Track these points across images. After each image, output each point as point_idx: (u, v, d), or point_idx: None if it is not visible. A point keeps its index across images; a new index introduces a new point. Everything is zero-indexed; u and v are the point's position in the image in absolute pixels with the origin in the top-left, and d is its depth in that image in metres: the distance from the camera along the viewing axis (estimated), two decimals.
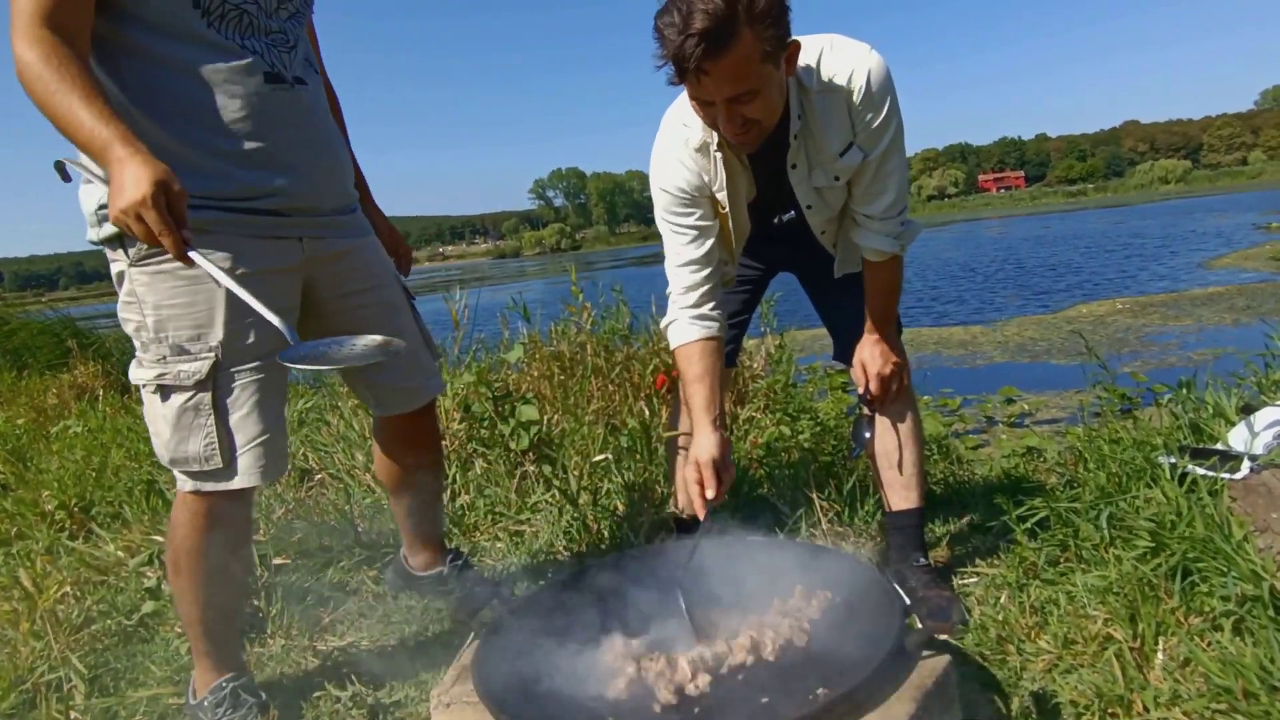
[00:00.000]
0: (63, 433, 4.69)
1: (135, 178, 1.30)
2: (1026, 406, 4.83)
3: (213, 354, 1.59)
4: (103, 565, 2.73)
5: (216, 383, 1.60)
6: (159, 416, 1.62)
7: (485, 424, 3.30)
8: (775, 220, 2.06)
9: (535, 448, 3.18)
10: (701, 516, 1.72)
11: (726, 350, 2.18)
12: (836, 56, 1.79)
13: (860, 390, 2.12)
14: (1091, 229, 25.46)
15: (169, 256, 1.53)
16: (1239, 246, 15.10)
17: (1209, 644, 1.61)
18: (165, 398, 1.60)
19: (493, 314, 4.63)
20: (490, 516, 2.98)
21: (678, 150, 1.93)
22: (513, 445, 3.15)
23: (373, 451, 2.27)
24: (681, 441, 2.30)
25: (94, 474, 3.70)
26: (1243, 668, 1.44)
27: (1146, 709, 1.54)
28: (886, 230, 1.96)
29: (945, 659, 1.37)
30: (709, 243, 1.98)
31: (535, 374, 3.88)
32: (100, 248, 1.63)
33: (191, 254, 1.37)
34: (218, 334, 1.60)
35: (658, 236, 2.12)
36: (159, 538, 2.72)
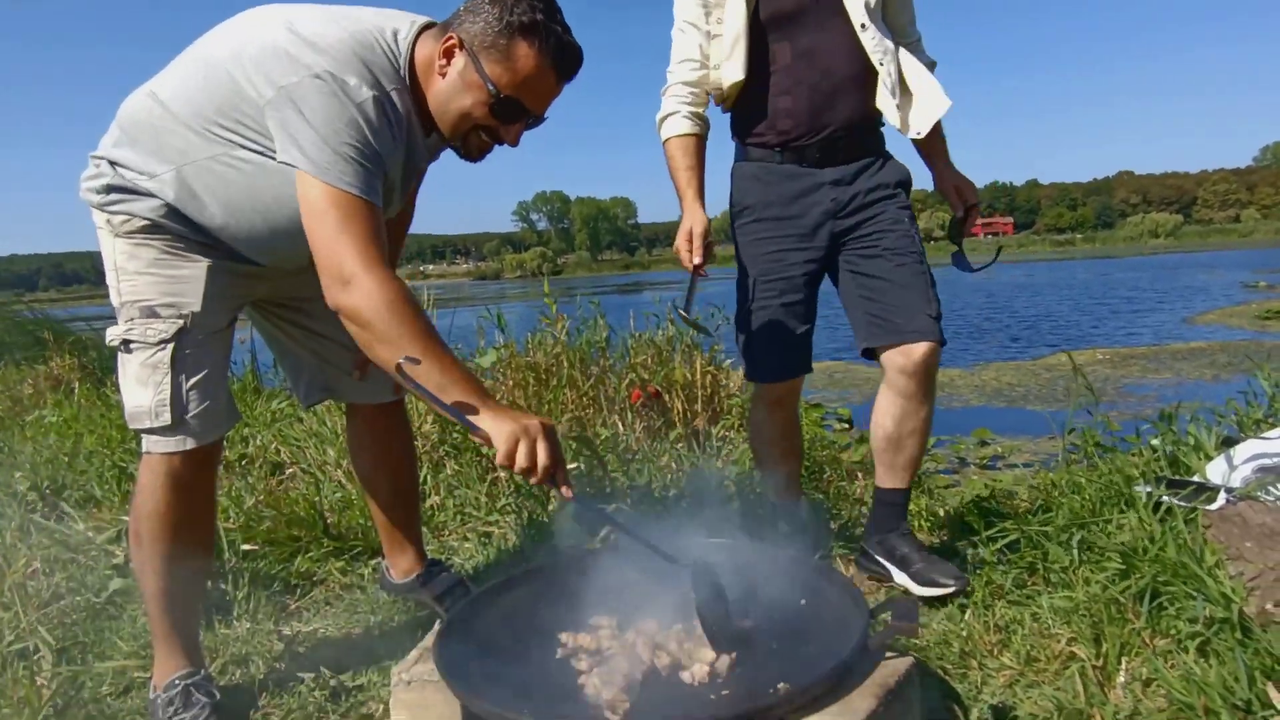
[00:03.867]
0: (37, 421, 4.65)
1: (526, 418, 1.41)
2: (1000, 450, 4.83)
3: (182, 320, 1.66)
4: (73, 544, 2.70)
5: (178, 343, 1.66)
6: (125, 373, 1.68)
7: (458, 428, 3.29)
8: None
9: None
10: (692, 272, 2.19)
11: (800, 360, 2.32)
12: None
13: (959, 212, 2.34)
14: (1078, 279, 25.75)
15: (154, 233, 1.63)
16: (1224, 304, 15.29)
17: (1173, 665, 1.62)
18: (129, 351, 1.66)
19: (472, 333, 4.64)
20: (459, 517, 2.97)
21: None
22: (485, 450, 3.15)
23: (348, 450, 2.28)
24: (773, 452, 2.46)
25: (66, 458, 3.68)
26: (1206, 685, 1.44)
27: None
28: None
29: (908, 660, 1.37)
30: (712, 45, 2.20)
31: (510, 384, 3.88)
32: (97, 229, 1.69)
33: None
34: (193, 305, 1.67)
35: (640, 266, 2.26)
36: (128, 518, 2.70)
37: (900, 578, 2.24)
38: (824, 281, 2.36)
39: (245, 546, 2.52)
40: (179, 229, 1.64)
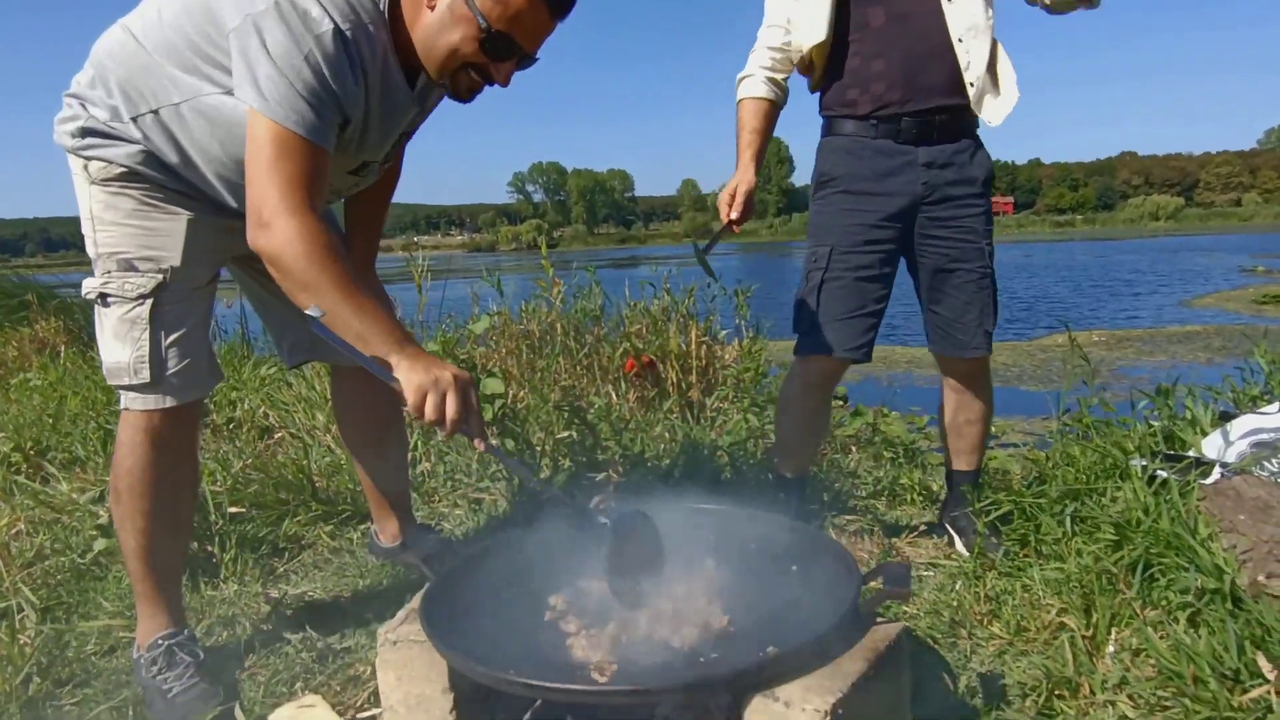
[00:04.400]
0: (22, 384, 4.61)
1: (440, 368, 1.37)
2: (993, 429, 4.84)
3: (161, 275, 1.62)
4: (56, 504, 2.68)
5: (158, 300, 1.62)
6: (103, 327, 1.64)
7: None
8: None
9: (499, 421, 3.16)
10: (726, 224, 2.27)
11: (864, 342, 2.26)
12: None
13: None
14: (1077, 260, 25.71)
15: (132, 181, 1.59)
16: (1222, 288, 15.29)
17: (1163, 635, 1.61)
18: (106, 305, 1.62)
19: (466, 303, 4.59)
20: (450, 483, 2.95)
21: None
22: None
23: (334, 415, 2.26)
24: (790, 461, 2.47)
25: (50, 420, 3.65)
26: (1195, 655, 1.43)
27: (1093, 693, 1.54)
28: None
29: (899, 625, 1.36)
30: (801, 8, 2.17)
31: (503, 351, 3.86)
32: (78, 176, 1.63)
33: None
34: (173, 260, 1.63)
35: (636, 240, 2.25)
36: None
37: (960, 545, 2.38)
38: None
39: (232, 509, 2.49)
40: (157, 177, 1.60)
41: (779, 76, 2.26)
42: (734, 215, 2.25)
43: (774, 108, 2.29)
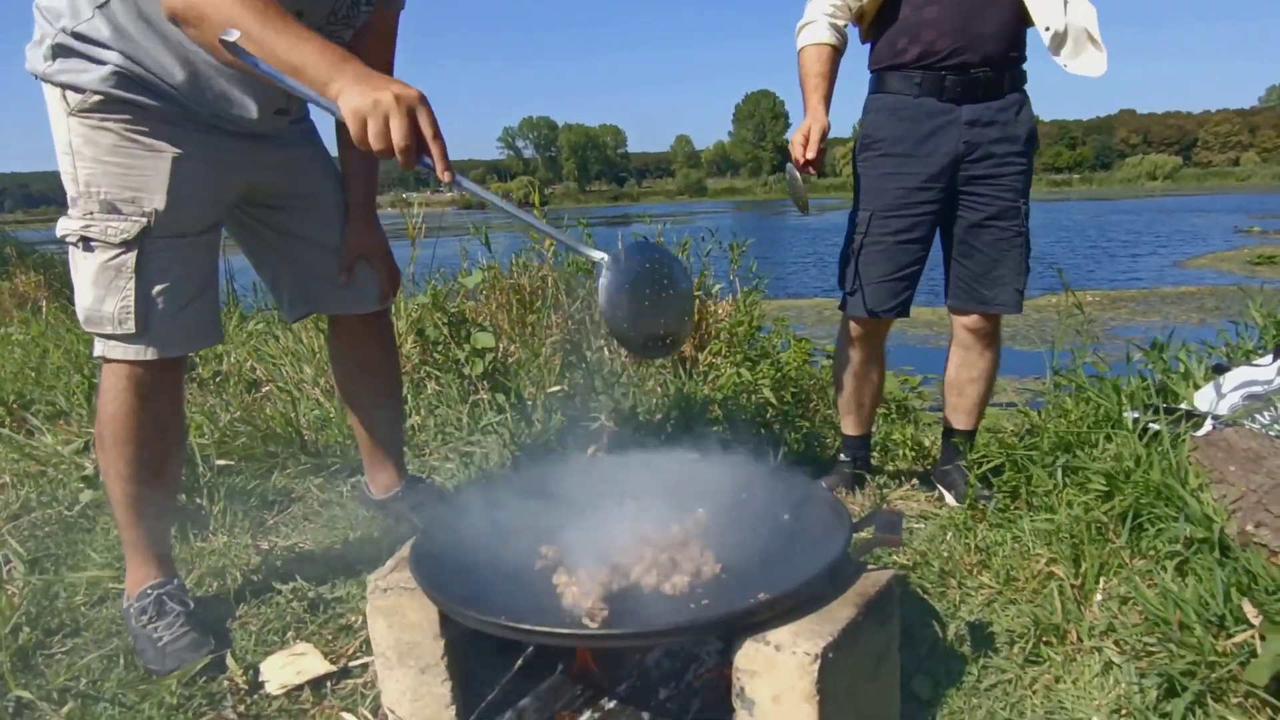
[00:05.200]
0: (4, 338, 4.56)
1: (381, 88, 1.17)
2: None
3: (145, 219, 1.56)
4: (41, 457, 2.66)
5: (143, 247, 1.57)
6: (81, 271, 1.58)
7: (439, 348, 3.24)
8: None
9: (489, 375, 3.14)
10: (799, 163, 2.20)
11: (901, 300, 2.31)
12: None
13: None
14: (1073, 220, 25.63)
15: (111, 111, 1.52)
16: (1216, 248, 15.28)
17: (1151, 583, 1.62)
18: (88, 250, 1.56)
19: (457, 263, 4.54)
20: (440, 436, 2.94)
21: None
22: (466, 371, 3.11)
23: (330, 364, 2.23)
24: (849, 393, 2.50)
25: (33, 373, 3.61)
26: (1182, 601, 1.44)
27: (1080, 639, 1.55)
28: None
29: (889, 572, 1.36)
30: None
31: (493, 305, 3.82)
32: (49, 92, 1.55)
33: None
34: (156, 202, 1.57)
35: (629, 198, 2.19)
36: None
37: (949, 499, 2.42)
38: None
39: (220, 461, 2.48)
40: (136, 99, 1.52)
41: (839, 22, 2.24)
42: (809, 155, 2.20)
43: (836, 53, 2.27)
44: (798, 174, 2.24)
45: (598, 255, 1.35)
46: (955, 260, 2.31)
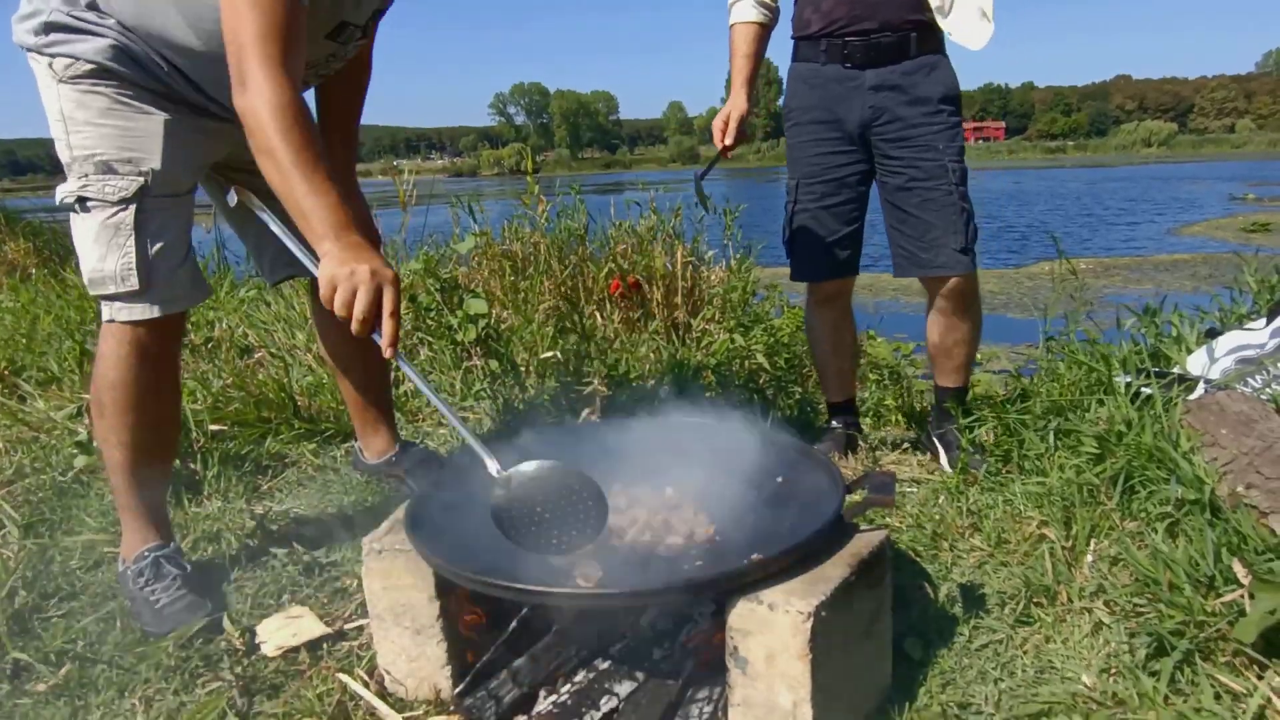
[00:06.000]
0: None
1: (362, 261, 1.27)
2: (979, 357, 4.85)
3: (142, 178, 1.56)
4: (34, 423, 2.65)
5: (141, 206, 1.57)
6: (81, 233, 1.58)
7: (432, 314, 3.23)
8: None
9: (482, 342, 3.14)
10: (720, 150, 2.31)
11: (841, 262, 2.35)
12: None
13: None
14: (1068, 189, 25.55)
15: (103, 79, 1.51)
16: (1211, 216, 15.26)
17: (1141, 545, 1.63)
18: (85, 210, 1.56)
19: (449, 231, 4.51)
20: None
21: None
22: (459, 337, 3.10)
23: (315, 329, 2.22)
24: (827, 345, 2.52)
25: (24, 340, 3.58)
26: (1173, 562, 1.45)
27: (1071, 600, 1.56)
28: None
29: (882, 533, 1.37)
30: None
31: (486, 272, 3.81)
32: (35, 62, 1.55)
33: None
34: (152, 163, 1.57)
35: (621, 165, 2.20)
36: (88, 397, 2.65)
37: (944, 461, 2.39)
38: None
39: (214, 427, 2.47)
40: (129, 74, 1.52)
41: None
42: (727, 142, 2.28)
43: (764, 30, 2.31)
44: (700, 176, 2.45)
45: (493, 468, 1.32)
46: (891, 227, 2.29)
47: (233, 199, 1.35)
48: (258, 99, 1.30)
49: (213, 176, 1.86)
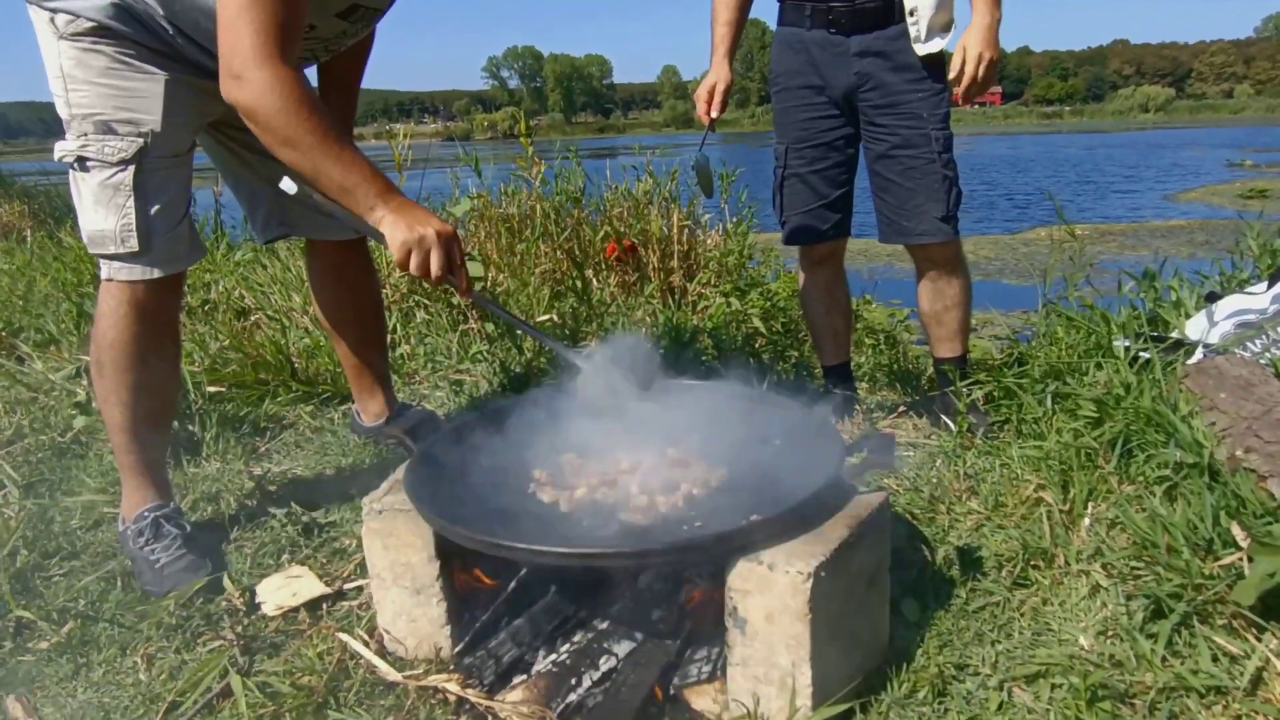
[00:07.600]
0: None
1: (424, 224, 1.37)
2: (974, 322, 4.84)
3: (142, 139, 1.55)
4: (32, 384, 2.64)
5: (140, 166, 1.56)
6: (81, 192, 1.58)
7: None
8: None
9: (477, 306, 3.12)
10: (706, 124, 2.30)
11: (830, 226, 2.35)
12: None
13: (952, 75, 2.13)
14: (1064, 155, 25.40)
15: (103, 37, 1.50)
16: (1208, 181, 15.18)
17: (1139, 508, 1.64)
18: (85, 170, 1.55)
19: (444, 195, 4.46)
20: (430, 365, 2.93)
21: None
22: (455, 300, 3.08)
23: (310, 294, 2.21)
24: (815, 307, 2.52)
25: (20, 301, 3.56)
26: (1171, 525, 1.46)
27: (1068, 563, 1.57)
28: None
29: (881, 494, 1.37)
30: None
31: (482, 234, 3.78)
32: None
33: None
34: (152, 124, 1.56)
35: (615, 129, 2.17)
36: (87, 358, 2.64)
37: (953, 428, 2.35)
38: None
39: (211, 388, 2.47)
40: (129, 32, 1.50)
41: None
42: (713, 114, 2.27)
43: None
44: (707, 159, 2.40)
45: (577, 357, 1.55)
46: (875, 195, 2.29)
47: (290, 187, 1.37)
48: (258, 94, 1.31)
49: (209, 133, 1.83)
